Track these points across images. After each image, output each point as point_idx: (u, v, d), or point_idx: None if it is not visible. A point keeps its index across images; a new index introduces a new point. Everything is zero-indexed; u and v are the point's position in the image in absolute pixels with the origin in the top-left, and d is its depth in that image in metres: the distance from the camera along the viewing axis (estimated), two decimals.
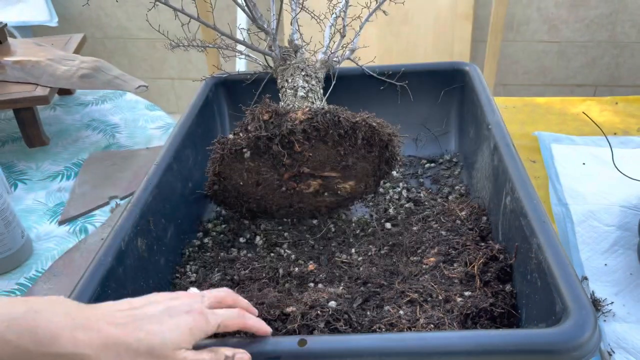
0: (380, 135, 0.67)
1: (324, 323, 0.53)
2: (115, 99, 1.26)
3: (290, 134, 0.65)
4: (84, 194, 0.91)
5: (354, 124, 0.66)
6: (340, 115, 0.65)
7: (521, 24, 2.13)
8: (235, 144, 0.67)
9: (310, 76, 0.79)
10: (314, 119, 0.65)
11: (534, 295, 0.53)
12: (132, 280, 0.59)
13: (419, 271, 0.65)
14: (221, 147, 0.69)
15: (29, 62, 1.02)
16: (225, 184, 0.72)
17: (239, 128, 0.68)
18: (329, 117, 0.65)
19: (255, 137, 0.66)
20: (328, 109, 0.66)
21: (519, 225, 0.59)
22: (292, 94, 0.76)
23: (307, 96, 0.75)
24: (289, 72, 0.80)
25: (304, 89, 0.76)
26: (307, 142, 0.66)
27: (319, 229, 0.77)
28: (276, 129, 0.65)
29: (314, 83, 0.79)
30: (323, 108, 0.66)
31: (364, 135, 0.67)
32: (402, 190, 0.83)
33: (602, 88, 2.24)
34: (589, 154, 0.91)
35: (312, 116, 0.65)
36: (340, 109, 0.67)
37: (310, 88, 0.77)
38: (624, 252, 0.71)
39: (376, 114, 0.96)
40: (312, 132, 0.65)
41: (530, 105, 1.10)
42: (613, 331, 0.61)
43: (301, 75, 0.78)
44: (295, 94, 0.75)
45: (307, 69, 0.80)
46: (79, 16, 2.36)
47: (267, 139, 0.66)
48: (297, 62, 0.81)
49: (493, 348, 0.43)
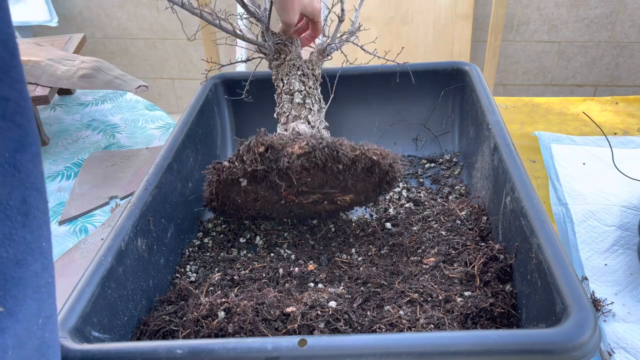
0: (380, 166, 0.65)
1: (324, 323, 0.53)
2: (115, 99, 1.26)
3: (288, 169, 0.63)
4: (84, 194, 0.91)
5: (353, 158, 0.63)
6: (339, 151, 0.62)
7: (521, 24, 2.13)
8: (231, 172, 0.65)
9: (307, 75, 0.77)
10: (312, 154, 0.61)
11: (534, 295, 0.53)
12: (132, 280, 0.59)
13: (419, 271, 0.65)
14: (217, 173, 0.67)
15: (29, 62, 1.02)
16: (223, 200, 0.72)
17: (234, 157, 0.65)
18: (328, 152, 0.61)
19: (252, 170, 0.63)
20: (326, 143, 0.62)
21: (519, 225, 0.59)
22: (288, 100, 0.75)
23: (304, 102, 0.74)
24: (284, 69, 0.78)
25: (300, 94, 0.75)
26: (306, 172, 0.64)
27: (319, 229, 0.77)
28: (272, 163, 0.63)
29: (311, 84, 0.77)
30: (321, 142, 0.62)
31: (363, 166, 0.64)
32: (402, 190, 0.83)
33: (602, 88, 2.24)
34: (589, 154, 0.91)
35: (310, 151, 0.61)
36: (340, 142, 0.63)
37: (307, 91, 0.76)
38: (624, 252, 0.71)
39: (376, 114, 0.96)
40: (310, 166, 0.63)
41: (530, 105, 1.10)
42: (613, 331, 0.61)
43: (297, 75, 0.77)
44: (292, 100, 0.74)
45: (303, 66, 0.78)
46: (79, 16, 2.36)
47: (264, 171, 0.64)
48: (293, 57, 0.78)
49: (493, 348, 0.43)
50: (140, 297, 0.60)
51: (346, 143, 0.63)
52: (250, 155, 0.63)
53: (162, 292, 0.66)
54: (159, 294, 0.65)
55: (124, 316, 0.57)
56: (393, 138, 0.96)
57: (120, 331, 0.55)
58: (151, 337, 0.56)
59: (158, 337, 0.56)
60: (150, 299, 0.63)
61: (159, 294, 0.65)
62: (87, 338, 0.49)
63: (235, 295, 0.60)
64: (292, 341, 0.45)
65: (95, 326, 0.51)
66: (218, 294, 0.60)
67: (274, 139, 0.63)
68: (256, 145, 0.63)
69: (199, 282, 0.67)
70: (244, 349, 0.44)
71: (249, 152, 0.63)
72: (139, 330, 0.58)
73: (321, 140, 0.62)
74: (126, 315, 0.57)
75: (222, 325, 0.53)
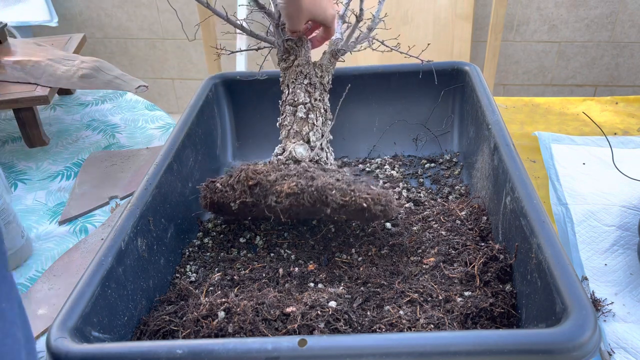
0: (371, 211, 0.63)
1: (324, 323, 0.53)
2: (115, 99, 1.26)
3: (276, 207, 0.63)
4: (84, 194, 0.91)
5: (343, 204, 0.61)
6: (328, 196, 0.61)
7: (521, 24, 2.13)
8: (223, 196, 0.67)
9: (314, 85, 0.75)
10: (300, 196, 0.61)
11: (534, 295, 0.53)
12: (132, 280, 0.59)
13: (419, 271, 0.65)
14: (210, 193, 0.69)
15: (29, 62, 1.02)
16: (219, 209, 0.73)
17: (226, 182, 0.66)
18: (317, 196, 0.61)
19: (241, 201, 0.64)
20: (315, 187, 0.61)
21: (519, 225, 0.59)
22: (291, 112, 0.73)
23: (307, 117, 0.72)
24: (291, 75, 0.76)
25: (304, 107, 0.73)
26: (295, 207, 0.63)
27: (319, 229, 0.77)
28: (261, 198, 0.63)
29: (317, 95, 0.75)
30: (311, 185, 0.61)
31: (354, 209, 0.63)
32: (402, 191, 0.83)
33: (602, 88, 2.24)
34: (589, 154, 0.91)
35: (299, 193, 0.61)
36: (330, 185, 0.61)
37: (312, 104, 0.74)
38: (624, 252, 0.71)
39: (376, 114, 0.96)
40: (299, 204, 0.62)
41: (530, 105, 1.10)
42: (613, 331, 0.61)
43: (303, 85, 0.74)
44: (295, 113, 0.73)
45: (311, 74, 0.75)
46: (79, 16, 2.36)
47: (252, 203, 0.65)
48: (301, 63, 0.75)
49: (493, 348, 0.43)
50: (140, 297, 0.61)
51: (338, 186, 0.61)
52: (240, 186, 0.64)
53: (162, 292, 0.66)
54: (159, 294, 0.65)
55: (124, 316, 0.57)
56: (393, 138, 0.96)
57: (120, 331, 0.55)
58: (151, 337, 0.56)
59: (158, 337, 0.56)
60: (150, 299, 0.63)
61: (159, 294, 0.65)
62: (87, 338, 0.49)
63: (235, 295, 0.60)
64: (292, 341, 0.45)
65: (95, 326, 0.51)
66: (218, 294, 0.60)
67: (263, 176, 0.63)
68: (246, 179, 0.63)
69: (199, 282, 0.67)
70: (244, 349, 0.44)
71: (238, 183, 0.65)
72: (139, 330, 0.58)
73: (311, 182, 0.61)
74: (126, 315, 0.57)
75: (222, 325, 0.53)
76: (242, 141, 0.98)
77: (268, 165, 0.67)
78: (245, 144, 0.98)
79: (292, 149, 0.70)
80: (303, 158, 0.70)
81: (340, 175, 0.66)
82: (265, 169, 0.65)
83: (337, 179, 0.64)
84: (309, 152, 0.71)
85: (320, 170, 0.67)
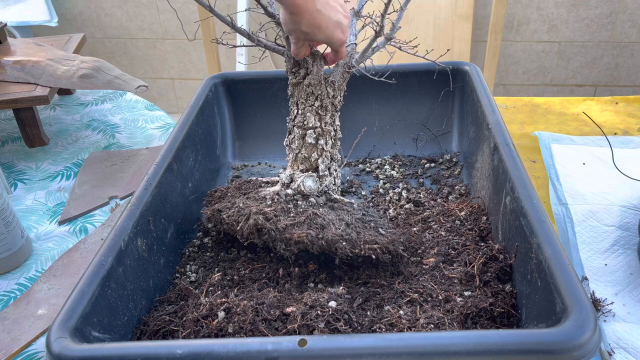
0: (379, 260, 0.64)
1: (324, 323, 0.53)
2: (115, 99, 1.26)
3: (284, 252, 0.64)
4: (84, 194, 0.91)
5: (351, 255, 0.63)
6: (338, 249, 0.62)
7: (521, 24, 2.13)
8: (230, 229, 0.68)
9: (325, 108, 0.70)
10: (309, 246, 0.62)
11: (534, 295, 0.53)
12: (132, 280, 0.59)
13: (419, 271, 0.65)
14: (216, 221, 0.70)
15: (29, 62, 1.02)
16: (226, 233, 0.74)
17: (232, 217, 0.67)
18: (326, 247, 0.62)
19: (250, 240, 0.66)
20: (325, 240, 0.62)
21: (519, 225, 0.59)
22: (299, 135, 0.70)
23: (317, 143, 0.70)
24: (301, 94, 0.70)
25: (314, 132, 0.70)
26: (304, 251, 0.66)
27: None
28: (269, 242, 0.64)
29: (328, 119, 0.71)
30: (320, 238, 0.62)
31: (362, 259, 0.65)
32: (402, 191, 0.83)
33: (602, 88, 2.24)
34: (589, 154, 0.91)
35: (308, 243, 0.62)
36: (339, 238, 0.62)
37: (322, 129, 0.70)
38: (624, 252, 0.71)
39: (376, 114, 0.96)
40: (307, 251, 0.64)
41: (530, 105, 1.10)
42: (613, 331, 0.61)
43: (314, 108, 0.70)
44: (304, 137, 0.70)
45: (322, 95, 0.70)
46: (79, 16, 2.36)
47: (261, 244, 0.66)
48: (312, 82, 0.69)
49: (493, 348, 0.43)
50: (140, 297, 0.60)
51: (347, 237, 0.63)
52: (247, 230, 0.65)
53: (162, 292, 0.66)
54: (159, 294, 0.64)
55: (124, 316, 0.57)
56: (393, 138, 0.96)
57: (120, 331, 0.55)
58: (151, 337, 0.56)
59: (158, 337, 0.56)
60: (150, 299, 0.63)
61: (159, 294, 0.65)
62: (87, 338, 0.49)
63: (235, 295, 0.60)
64: (292, 341, 0.45)
65: (95, 326, 0.51)
66: (218, 294, 0.60)
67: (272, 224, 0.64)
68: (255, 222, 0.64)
69: (199, 282, 0.67)
70: (244, 349, 0.44)
71: (247, 221, 0.65)
72: (139, 330, 0.58)
73: (321, 233, 0.62)
74: (126, 315, 0.57)
75: (222, 325, 0.53)
76: (242, 141, 0.98)
77: (275, 204, 0.67)
78: (245, 143, 0.98)
79: (300, 183, 0.69)
80: (312, 192, 0.69)
81: (349, 217, 0.67)
82: (274, 213, 0.65)
83: (347, 223, 0.65)
84: (317, 184, 0.70)
85: (329, 210, 0.68)
